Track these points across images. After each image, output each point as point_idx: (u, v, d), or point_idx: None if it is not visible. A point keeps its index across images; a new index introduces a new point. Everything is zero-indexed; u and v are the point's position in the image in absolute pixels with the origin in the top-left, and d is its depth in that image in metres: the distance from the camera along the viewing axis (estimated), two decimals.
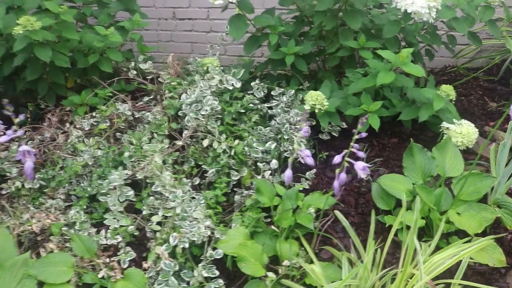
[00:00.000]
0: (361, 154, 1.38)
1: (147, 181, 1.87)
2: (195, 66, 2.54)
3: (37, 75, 2.32)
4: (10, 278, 1.70)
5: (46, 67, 2.37)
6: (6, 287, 1.68)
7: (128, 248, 1.79)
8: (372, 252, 1.47)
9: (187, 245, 1.68)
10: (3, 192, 2.17)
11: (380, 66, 2.10)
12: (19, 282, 1.70)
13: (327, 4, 2.19)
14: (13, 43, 2.21)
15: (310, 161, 1.33)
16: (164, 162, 1.97)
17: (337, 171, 1.44)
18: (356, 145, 1.37)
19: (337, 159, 1.40)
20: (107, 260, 1.82)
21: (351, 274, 1.40)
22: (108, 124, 2.18)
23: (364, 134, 1.37)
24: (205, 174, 2.02)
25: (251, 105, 2.20)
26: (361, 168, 1.39)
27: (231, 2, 2.21)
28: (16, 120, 1.28)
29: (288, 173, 1.38)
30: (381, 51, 2.09)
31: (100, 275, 1.77)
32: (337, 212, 1.71)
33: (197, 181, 2.03)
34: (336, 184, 1.42)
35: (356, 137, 1.38)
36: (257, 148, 2.01)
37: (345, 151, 1.41)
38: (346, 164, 1.42)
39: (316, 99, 2.06)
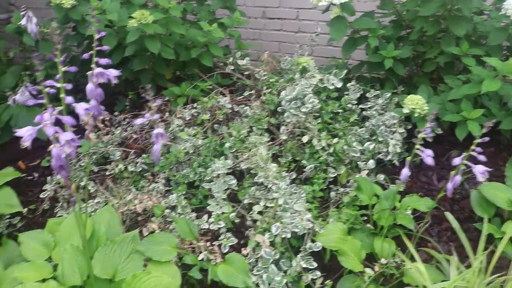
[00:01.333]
0: (482, 157, 1.38)
1: (252, 172, 1.94)
2: (289, 65, 2.60)
3: (143, 66, 2.45)
4: (120, 252, 1.82)
5: (151, 58, 2.50)
6: (117, 259, 1.80)
7: (229, 234, 1.87)
8: (482, 257, 1.47)
9: (289, 235, 1.74)
10: (107, 173, 2.32)
11: (485, 74, 2.07)
12: (128, 256, 1.81)
13: (431, 10, 2.19)
14: (123, 35, 2.36)
15: (430, 161, 1.35)
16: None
17: (452, 173, 1.45)
18: (478, 148, 1.38)
19: (456, 161, 1.40)
20: (207, 244, 1.90)
21: (461, 277, 1.41)
22: (209, 115, 2.27)
23: (487, 139, 1.37)
24: (303, 170, 2.07)
25: (349, 105, 2.24)
26: (481, 171, 1.39)
27: (334, 4, 2.25)
28: (153, 105, 1.36)
29: (405, 171, 1.40)
30: (487, 58, 2.07)
31: (200, 257, 1.85)
32: (447, 214, 1.72)
33: (293, 175, 2.08)
34: (450, 186, 1.43)
35: (478, 141, 1.38)
36: (356, 148, 2.04)
37: (464, 153, 1.42)
38: (462, 167, 1.43)
39: (416, 103, 2.06)
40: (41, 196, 2.37)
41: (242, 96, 2.35)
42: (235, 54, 2.61)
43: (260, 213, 1.89)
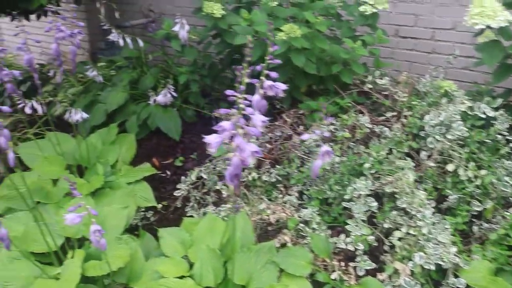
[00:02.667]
0: None
1: (396, 196, 1.89)
2: (426, 87, 2.51)
3: (285, 78, 2.49)
4: (256, 260, 1.85)
5: (291, 71, 2.54)
6: (252, 267, 1.84)
7: (366, 257, 1.84)
8: None
9: (432, 267, 1.67)
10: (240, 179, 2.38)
11: None
12: (263, 265, 1.84)
13: None
14: (268, 47, 2.41)
15: None
16: None
17: None
18: None
19: None
20: (340, 263, 1.88)
21: None
22: (347, 133, 2.26)
23: None
24: (444, 199, 1.99)
25: (498, 136, 2.11)
26: None
27: (490, 28, 2.14)
28: (324, 122, 1.37)
29: None
30: None
31: (332, 277, 1.84)
32: None
33: (432, 204, 2.00)
34: None
35: None
36: (507, 183, 1.92)
37: None
38: None
39: None
40: (174, 194, 2.48)
41: (385, 117, 2.30)
42: (374, 72, 2.58)
43: (399, 239, 1.84)
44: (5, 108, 1.61)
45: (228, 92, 1.29)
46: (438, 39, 3.27)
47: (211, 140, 1.16)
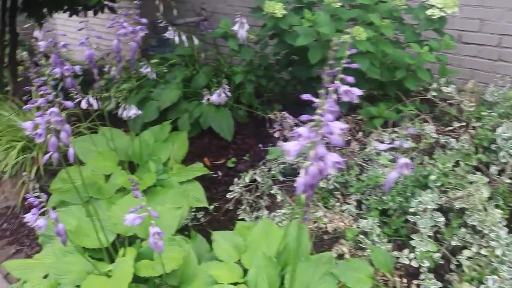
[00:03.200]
0: None
1: (466, 212, 1.78)
2: (496, 97, 2.38)
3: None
4: (314, 271, 1.78)
5: (351, 75, 2.45)
6: (309, 278, 1.76)
7: (431, 275, 1.73)
8: None
9: None
10: (295, 185, 2.30)
11: None
12: (321, 277, 1.77)
13: None
14: (329, 49, 2.33)
15: None
16: None
17: None
18: None
19: None
20: (403, 280, 1.79)
21: None
22: (412, 142, 2.15)
23: None
24: None
25: None
26: None
27: None
28: (403, 132, 1.29)
29: None
30: None
31: None
32: None
33: (503, 222, 1.88)
34: None
35: None
36: None
37: None
38: None
39: None
40: (227, 196, 2.43)
41: (452, 127, 2.18)
42: (439, 79, 2.46)
43: (467, 258, 1.73)
44: (69, 103, 1.60)
45: (305, 96, 1.22)
46: (505, 45, 3.10)
47: (290, 147, 1.09)
